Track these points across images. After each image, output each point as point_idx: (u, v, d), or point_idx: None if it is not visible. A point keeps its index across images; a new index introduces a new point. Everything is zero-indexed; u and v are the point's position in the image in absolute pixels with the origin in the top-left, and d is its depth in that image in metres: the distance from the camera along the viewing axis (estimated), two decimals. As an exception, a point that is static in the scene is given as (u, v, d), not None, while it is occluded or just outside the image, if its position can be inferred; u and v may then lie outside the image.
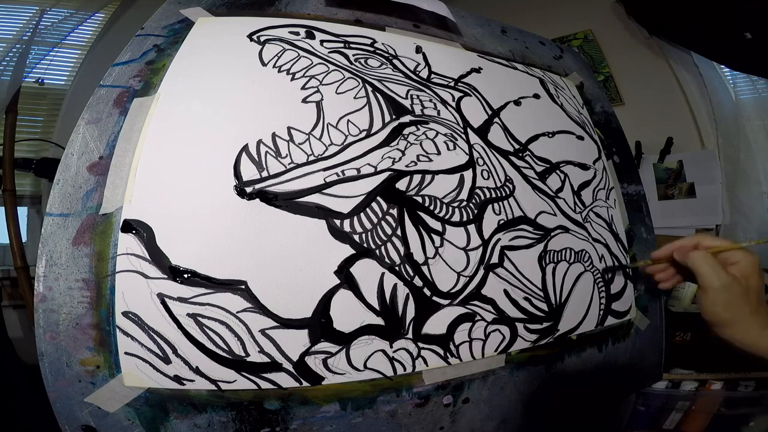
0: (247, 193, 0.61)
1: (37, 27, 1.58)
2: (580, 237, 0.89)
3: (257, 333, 0.57)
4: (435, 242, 0.71)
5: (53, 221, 0.54)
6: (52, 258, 0.53)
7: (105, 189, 0.56)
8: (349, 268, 0.64)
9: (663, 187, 1.88)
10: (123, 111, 0.60)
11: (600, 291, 0.88)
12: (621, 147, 1.08)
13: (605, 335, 0.88)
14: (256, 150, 0.63)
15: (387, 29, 0.86)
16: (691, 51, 1.83)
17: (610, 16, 2.00)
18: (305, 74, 0.72)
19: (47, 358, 0.51)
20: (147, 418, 0.53)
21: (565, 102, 1.01)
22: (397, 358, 0.65)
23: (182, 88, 0.64)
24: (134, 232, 0.56)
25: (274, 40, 0.73)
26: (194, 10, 0.72)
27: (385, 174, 0.70)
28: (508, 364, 0.75)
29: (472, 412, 0.72)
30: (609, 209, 0.96)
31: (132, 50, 0.65)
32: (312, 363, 0.60)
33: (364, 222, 0.66)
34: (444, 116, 0.80)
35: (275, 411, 0.58)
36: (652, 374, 0.99)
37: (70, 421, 0.51)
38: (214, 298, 0.56)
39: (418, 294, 0.67)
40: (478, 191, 0.78)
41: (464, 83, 0.87)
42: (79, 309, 0.53)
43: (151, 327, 0.54)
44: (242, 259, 0.59)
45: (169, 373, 0.54)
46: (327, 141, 0.68)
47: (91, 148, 0.58)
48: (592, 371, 0.86)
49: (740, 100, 1.81)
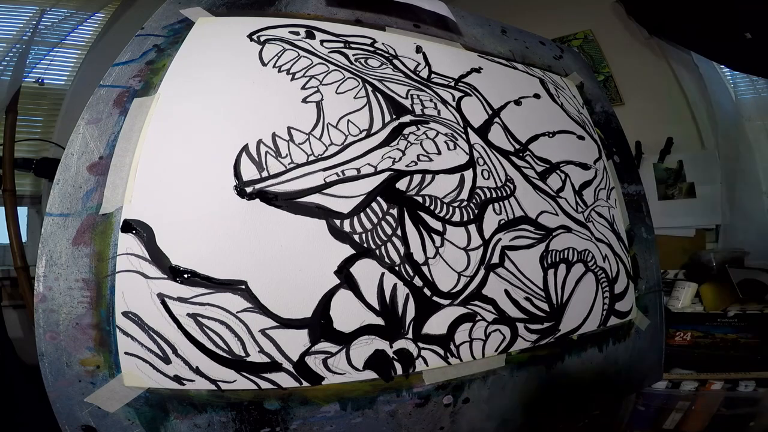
0: (247, 193, 0.61)
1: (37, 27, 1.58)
2: (583, 237, 0.89)
3: (257, 333, 0.57)
4: (435, 242, 0.71)
5: (53, 221, 0.54)
6: (52, 258, 0.53)
7: (105, 189, 0.56)
8: (349, 268, 0.63)
9: (663, 187, 1.88)
10: (123, 111, 0.60)
11: (604, 291, 0.88)
12: (621, 147, 1.08)
13: (606, 335, 0.88)
14: (256, 150, 0.63)
15: (387, 29, 0.86)
16: (691, 51, 1.82)
17: (610, 16, 2.00)
18: (305, 74, 0.72)
19: (47, 358, 0.51)
20: (147, 418, 0.53)
21: (566, 102, 1.01)
22: (397, 358, 0.65)
23: (182, 88, 0.64)
24: (134, 232, 0.56)
25: (274, 40, 0.73)
26: (194, 10, 0.72)
27: (386, 174, 0.70)
28: (509, 364, 0.75)
29: (473, 412, 0.72)
30: (610, 209, 0.96)
31: (132, 50, 0.65)
32: (312, 363, 0.60)
33: (364, 222, 0.66)
34: (444, 116, 0.80)
35: (275, 411, 0.58)
36: (652, 374, 0.99)
37: (70, 421, 0.51)
38: (214, 298, 0.56)
39: (418, 294, 0.67)
40: (479, 191, 0.78)
41: (464, 83, 0.87)
42: (79, 309, 0.53)
43: (151, 327, 0.54)
44: (242, 259, 0.59)
45: (169, 373, 0.54)
46: (327, 141, 0.68)
47: (91, 148, 0.58)
48: (592, 371, 0.86)
49: (740, 100, 1.81)
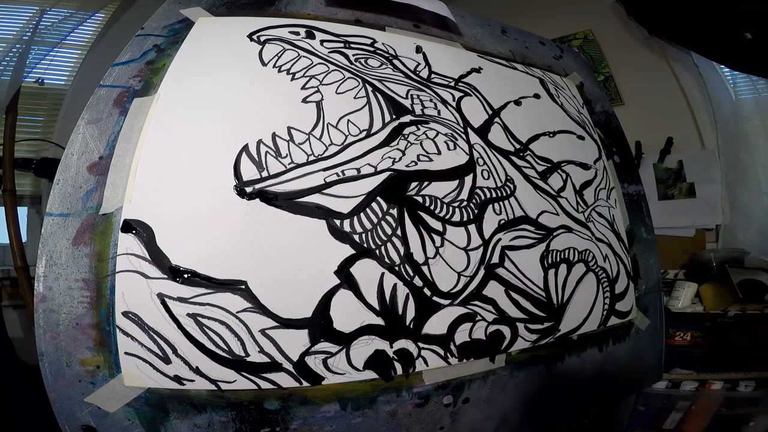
0: (247, 193, 0.61)
1: (37, 27, 1.58)
2: (584, 237, 0.89)
3: (257, 333, 0.57)
4: (435, 242, 0.71)
5: (53, 221, 0.54)
6: (52, 258, 0.53)
7: (105, 189, 0.56)
8: (349, 268, 0.63)
9: (663, 187, 1.88)
10: (123, 111, 0.60)
11: (605, 291, 0.88)
12: (621, 147, 1.08)
13: (606, 335, 0.88)
14: (256, 150, 0.63)
15: (387, 29, 0.86)
16: (691, 51, 1.82)
17: (610, 16, 2.00)
18: (305, 74, 0.72)
19: (47, 358, 0.51)
20: (147, 418, 0.53)
21: (566, 102, 1.01)
22: (397, 358, 0.65)
23: (182, 88, 0.64)
24: (134, 232, 0.56)
25: (274, 40, 0.73)
26: (194, 10, 0.72)
27: (386, 174, 0.70)
28: (509, 364, 0.75)
29: (472, 412, 0.72)
30: (610, 209, 0.96)
31: (132, 50, 0.65)
32: (312, 363, 0.60)
33: (364, 222, 0.66)
34: (444, 116, 0.80)
35: (275, 411, 0.58)
36: (652, 374, 0.99)
37: (70, 421, 0.51)
38: (214, 298, 0.56)
39: (418, 294, 0.67)
40: (479, 191, 0.78)
41: (464, 83, 0.87)
42: (79, 309, 0.53)
43: (151, 327, 0.54)
44: (242, 259, 0.59)
45: (169, 373, 0.54)
46: (327, 141, 0.68)
47: (91, 148, 0.58)
48: (592, 371, 0.86)
49: (740, 100, 1.81)
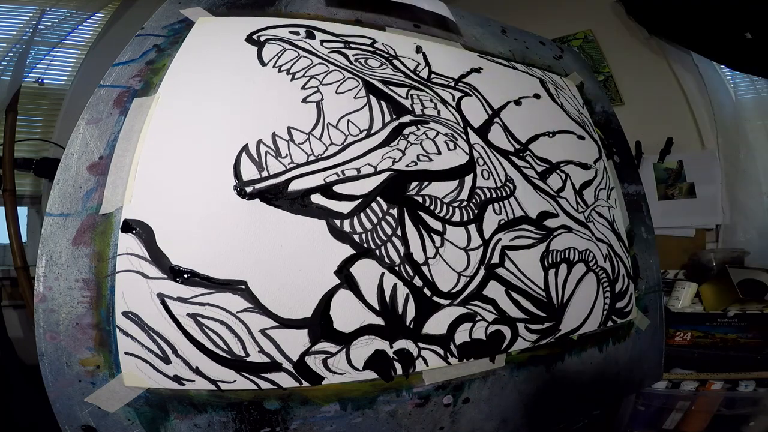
0: (247, 193, 0.61)
1: (37, 27, 1.58)
2: (584, 236, 0.89)
3: (257, 333, 0.57)
4: (435, 242, 0.71)
5: (53, 221, 0.54)
6: (52, 258, 0.53)
7: (105, 189, 0.56)
8: (349, 268, 0.63)
9: (663, 187, 1.88)
10: (123, 111, 0.60)
11: (605, 290, 0.88)
12: (621, 147, 1.08)
13: (606, 335, 0.88)
14: (256, 150, 0.63)
15: (387, 29, 0.86)
16: (691, 51, 1.82)
17: (610, 16, 2.00)
18: (305, 74, 0.72)
19: (47, 358, 0.51)
20: (147, 418, 0.53)
21: (566, 102, 1.01)
22: (397, 358, 0.65)
23: (182, 88, 0.64)
24: (134, 232, 0.56)
25: (274, 40, 0.73)
26: (194, 10, 0.72)
27: (386, 174, 0.70)
28: (509, 364, 0.75)
29: (472, 412, 0.72)
30: (610, 209, 0.96)
31: (132, 50, 0.65)
32: (312, 363, 0.60)
33: (364, 222, 0.66)
34: (444, 116, 0.80)
35: (275, 411, 0.58)
36: (652, 374, 0.99)
37: (70, 421, 0.51)
38: (214, 298, 0.56)
39: (418, 294, 0.67)
40: (479, 191, 0.78)
41: (464, 83, 0.87)
42: (79, 309, 0.53)
43: (151, 327, 0.54)
44: (242, 259, 0.59)
45: (169, 373, 0.54)
46: (327, 141, 0.68)
47: (91, 148, 0.58)
48: (592, 371, 0.86)
49: (740, 100, 1.80)
